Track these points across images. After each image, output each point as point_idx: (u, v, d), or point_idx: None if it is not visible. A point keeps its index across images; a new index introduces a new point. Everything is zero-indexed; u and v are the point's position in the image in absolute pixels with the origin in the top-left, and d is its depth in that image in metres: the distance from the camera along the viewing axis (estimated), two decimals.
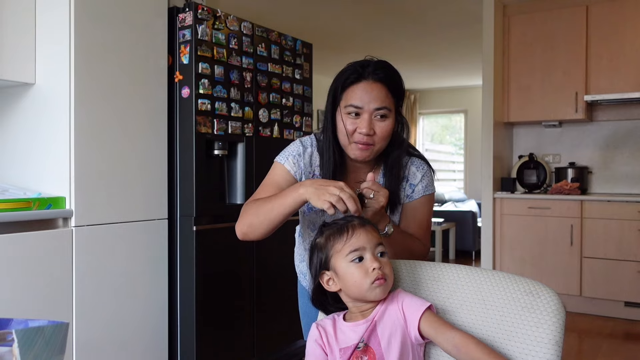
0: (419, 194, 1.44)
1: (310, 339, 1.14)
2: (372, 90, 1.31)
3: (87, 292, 2.23)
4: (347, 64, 1.37)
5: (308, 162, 1.43)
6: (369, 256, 1.09)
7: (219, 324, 2.67)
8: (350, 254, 1.09)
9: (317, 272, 1.15)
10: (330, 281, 1.13)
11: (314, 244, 1.16)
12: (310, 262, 1.17)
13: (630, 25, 4.12)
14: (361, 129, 1.31)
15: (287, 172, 1.42)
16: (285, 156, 1.44)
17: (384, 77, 1.32)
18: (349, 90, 1.33)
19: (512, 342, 1.06)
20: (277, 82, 2.99)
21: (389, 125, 1.33)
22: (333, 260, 1.11)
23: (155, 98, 2.54)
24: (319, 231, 1.16)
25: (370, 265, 1.08)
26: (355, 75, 1.32)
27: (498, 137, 4.58)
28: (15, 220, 2.00)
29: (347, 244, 1.09)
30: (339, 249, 1.10)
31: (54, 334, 0.81)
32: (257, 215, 1.29)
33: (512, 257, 4.42)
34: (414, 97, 8.91)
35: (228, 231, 2.73)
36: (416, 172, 1.44)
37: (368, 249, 1.09)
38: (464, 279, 1.17)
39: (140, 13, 2.47)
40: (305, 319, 1.67)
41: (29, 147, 2.30)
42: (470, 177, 8.60)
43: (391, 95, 1.33)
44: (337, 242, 1.11)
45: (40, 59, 2.26)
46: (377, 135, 1.32)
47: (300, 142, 1.46)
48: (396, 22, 5.23)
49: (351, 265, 1.09)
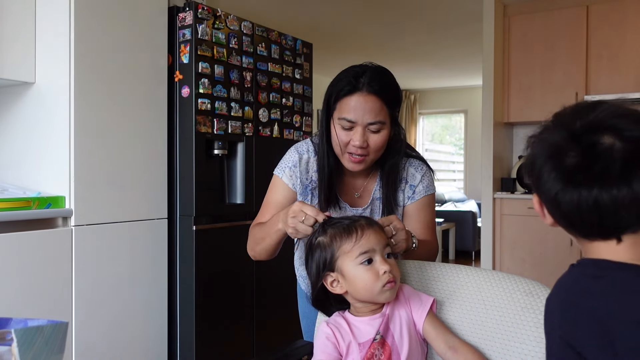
0: (420, 194, 1.43)
1: (320, 336, 1.11)
2: (366, 102, 1.27)
3: (86, 291, 2.23)
4: (342, 70, 1.33)
5: (305, 169, 1.43)
6: (378, 258, 1.05)
7: (219, 323, 2.67)
8: (360, 256, 1.05)
9: (318, 272, 1.10)
10: (335, 283, 1.09)
11: (315, 243, 1.11)
12: (308, 261, 1.12)
13: (631, 25, 4.12)
14: (354, 141, 1.28)
15: (285, 187, 1.43)
16: (282, 168, 1.45)
17: (378, 90, 1.28)
18: (342, 102, 1.30)
19: (512, 342, 1.05)
20: (277, 81, 2.99)
21: (383, 137, 1.31)
22: (339, 262, 1.07)
23: (155, 97, 2.54)
24: (320, 229, 1.11)
25: (380, 268, 1.04)
26: (349, 87, 1.28)
27: (498, 137, 4.58)
28: (14, 219, 2.00)
29: (357, 245, 1.05)
30: (347, 249, 1.06)
31: (53, 334, 0.81)
32: (257, 243, 1.39)
33: (512, 257, 4.42)
34: (414, 97, 8.91)
35: (228, 231, 2.75)
36: (415, 173, 1.43)
37: (377, 250, 1.06)
38: (464, 279, 1.17)
39: (141, 12, 2.46)
40: (305, 320, 1.67)
41: (29, 146, 2.29)
42: (470, 177, 8.59)
43: (386, 107, 1.29)
44: (344, 242, 1.06)
45: (40, 58, 2.26)
46: (371, 147, 1.30)
47: (296, 150, 1.46)
48: (396, 22, 5.22)
49: (360, 267, 1.05)
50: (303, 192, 1.44)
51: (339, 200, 1.42)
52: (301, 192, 1.44)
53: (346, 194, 1.45)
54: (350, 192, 1.45)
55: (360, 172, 1.42)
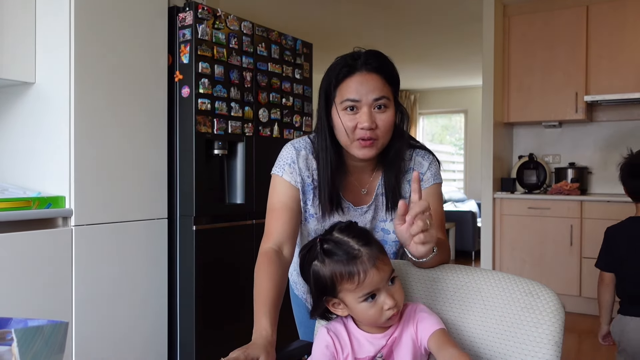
0: (428, 182, 1.36)
1: (319, 344, 1.07)
2: (367, 81, 1.23)
3: (86, 291, 2.23)
4: (335, 58, 1.29)
5: (304, 165, 1.34)
6: (383, 294, 1.01)
7: (219, 323, 2.67)
8: (363, 296, 1.00)
9: (319, 295, 1.05)
10: (336, 305, 1.05)
11: (314, 271, 1.04)
12: (307, 278, 1.07)
13: (631, 25, 4.12)
14: (362, 123, 1.21)
15: (288, 185, 1.33)
16: (281, 166, 1.35)
17: (378, 67, 1.24)
18: (342, 84, 1.25)
19: (511, 342, 1.05)
20: (277, 81, 2.99)
21: (390, 116, 1.24)
22: (341, 295, 1.03)
23: (155, 97, 2.54)
24: (318, 256, 1.04)
25: (385, 303, 1.00)
26: (347, 69, 1.24)
27: (498, 137, 4.58)
28: (14, 219, 2.00)
29: (360, 287, 1.00)
30: (350, 289, 1.01)
31: (54, 334, 0.81)
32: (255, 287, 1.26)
33: (512, 257, 4.42)
34: (414, 97, 8.91)
35: (228, 231, 2.75)
36: (422, 161, 1.38)
37: (382, 287, 1.01)
38: (464, 279, 1.16)
39: (141, 12, 2.46)
40: (302, 328, 1.62)
41: (29, 146, 2.29)
42: (470, 177, 8.59)
43: (388, 84, 1.25)
44: (346, 283, 1.00)
45: (41, 58, 2.26)
46: (380, 128, 1.23)
47: (292, 146, 1.37)
48: (396, 22, 5.22)
49: (364, 304, 1.01)
50: (305, 191, 1.35)
51: (342, 200, 1.35)
52: (303, 191, 1.34)
53: (350, 193, 1.37)
54: (354, 190, 1.38)
55: (365, 167, 1.35)
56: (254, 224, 2.86)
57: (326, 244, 1.03)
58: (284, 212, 1.31)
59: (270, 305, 1.17)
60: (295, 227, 1.32)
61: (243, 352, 1.01)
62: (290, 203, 1.32)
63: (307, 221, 1.38)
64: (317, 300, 1.07)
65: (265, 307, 1.17)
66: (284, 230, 1.29)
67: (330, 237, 1.04)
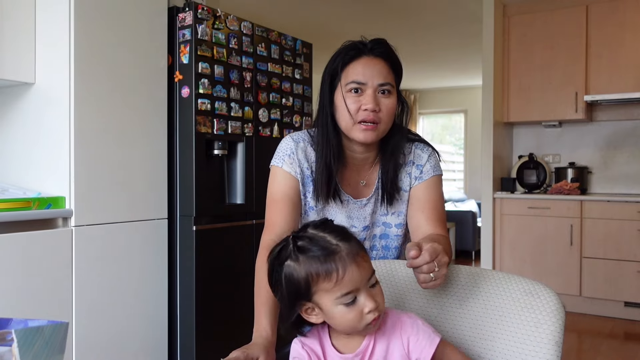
0: (428, 174, 1.36)
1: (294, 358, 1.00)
2: (374, 65, 1.25)
3: (86, 291, 2.23)
4: (342, 44, 1.30)
5: (303, 157, 1.33)
6: (363, 295, 0.90)
7: (219, 323, 2.67)
8: (341, 297, 0.89)
9: (292, 301, 0.93)
10: (310, 311, 0.94)
11: (287, 273, 0.91)
12: (275, 284, 0.94)
13: (630, 25, 4.12)
14: (366, 104, 1.23)
15: (288, 176, 1.32)
16: (280, 157, 1.34)
17: (384, 53, 1.27)
18: (349, 67, 1.26)
19: (511, 342, 1.05)
20: (277, 82, 2.99)
21: (393, 102, 1.26)
22: (316, 297, 0.91)
23: (155, 98, 2.54)
24: (291, 254, 0.92)
25: (366, 305, 0.90)
26: (355, 52, 1.26)
27: (498, 137, 4.58)
28: (15, 220, 2.00)
29: (338, 286, 0.89)
30: (327, 288, 0.89)
31: (54, 334, 0.81)
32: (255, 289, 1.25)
33: (512, 257, 4.42)
34: (414, 97, 8.91)
35: (228, 231, 2.75)
36: (421, 153, 1.37)
37: (362, 287, 0.90)
38: (464, 279, 1.16)
39: (140, 13, 2.46)
40: None
41: (29, 147, 2.29)
42: (470, 177, 8.59)
43: (392, 72, 1.28)
44: (322, 281, 0.89)
45: (40, 58, 2.26)
46: (383, 112, 1.25)
47: (290, 138, 1.36)
48: (396, 22, 5.22)
49: (341, 307, 0.90)
50: (305, 183, 1.34)
51: (340, 193, 1.34)
52: (302, 183, 1.34)
53: (349, 185, 1.37)
54: (354, 182, 1.37)
55: (365, 160, 1.35)
56: (254, 224, 2.86)
57: (300, 241, 0.92)
58: (286, 203, 1.30)
59: (271, 305, 1.17)
60: (296, 219, 1.32)
61: (243, 352, 1.00)
62: (291, 194, 1.32)
63: (306, 214, 1.37)
64: (289, 307, 0.94)
65: (265, 306, 1.17)
66: (287, 221, 1.29)
67: (305, 233, 0.93)
